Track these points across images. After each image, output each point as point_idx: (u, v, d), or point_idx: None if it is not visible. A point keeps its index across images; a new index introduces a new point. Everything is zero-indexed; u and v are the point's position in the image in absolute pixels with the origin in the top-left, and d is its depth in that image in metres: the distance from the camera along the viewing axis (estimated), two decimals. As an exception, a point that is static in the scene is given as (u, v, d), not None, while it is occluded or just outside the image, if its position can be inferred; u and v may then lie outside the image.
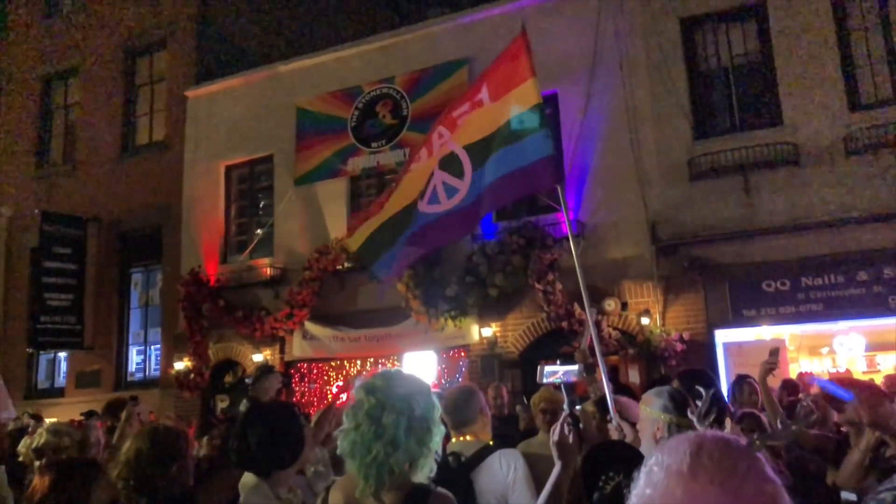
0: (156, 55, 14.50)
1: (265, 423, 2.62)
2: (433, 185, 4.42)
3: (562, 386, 2.54)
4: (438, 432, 2.20)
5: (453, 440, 3.27)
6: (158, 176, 13.67)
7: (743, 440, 1.14)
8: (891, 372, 7.72)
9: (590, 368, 8.62)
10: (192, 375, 12.20)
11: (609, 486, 2.02)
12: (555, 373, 2.53)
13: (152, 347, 13.70)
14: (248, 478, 2.58)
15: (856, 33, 9.37)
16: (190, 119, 13.50)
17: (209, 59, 13.81)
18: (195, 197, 13.18)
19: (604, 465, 2.09)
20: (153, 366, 13.61)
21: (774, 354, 4.44)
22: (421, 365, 9.99)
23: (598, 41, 10.32)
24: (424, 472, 2.17)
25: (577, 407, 2.49)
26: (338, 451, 2.20)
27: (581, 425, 2.38)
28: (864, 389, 2.73)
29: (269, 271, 12.03)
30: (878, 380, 8.31)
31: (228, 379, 12.57)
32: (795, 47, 9.37)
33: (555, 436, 2.35)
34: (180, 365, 12.32)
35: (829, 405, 4.18)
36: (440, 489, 2.15)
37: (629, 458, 2.11)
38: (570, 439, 2.33)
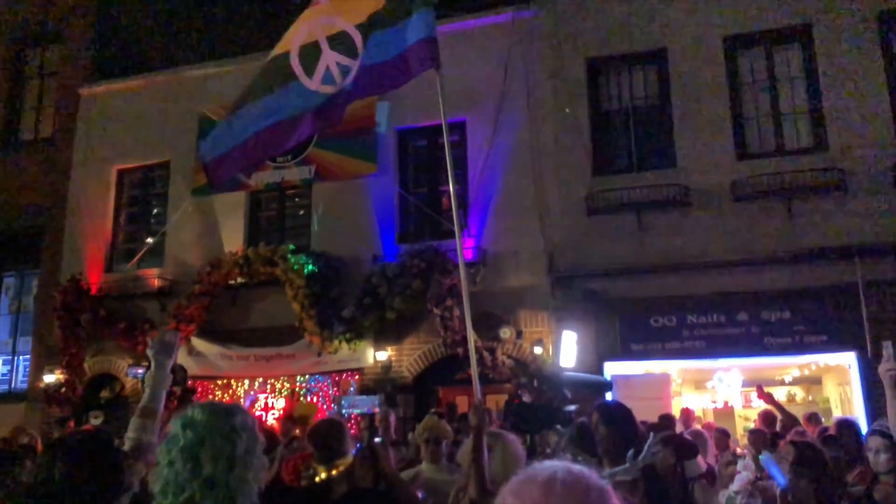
0: (49, 47, 13.67)
1: (76, 454, 2.25)
2: (325, 65, 4.26)
3: (363, 417, 2.46)
4: (261, 466, 2.07)
5: (322, 475, 3.15)
6: (42, 175, 12.80)
7: (594, 474, 1.16)
8: (766, 408, 8.07)
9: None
10: (63, 389, 11.36)
11: None
12: (353, 403, 2.45)
13: (21, 358, 12.69)
14: None
15: (746, 87, 9.97)
16: (82, 117, 12.77)
17: (107, 57, 13.14)
18: (82, 200, 12.42)
19: None
20: (20, 378, 12.59)
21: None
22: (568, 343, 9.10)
23: (507, 74, 10.50)
24: None
25: (376, 440, 2.41)
26: (151, 489, 2.00)
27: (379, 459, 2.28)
28: None
29: (157, 282, 11.44)
30: (754, 416, 8.74)
31: (105, 394, 11.80)
32: (691, 95, 9.86)
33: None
34: (51, 378, 11.45)
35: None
36: None
37: None
38: (365, 473, 2.24)
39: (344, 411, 8.36)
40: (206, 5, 14.85)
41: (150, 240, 11.97)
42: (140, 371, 10.29)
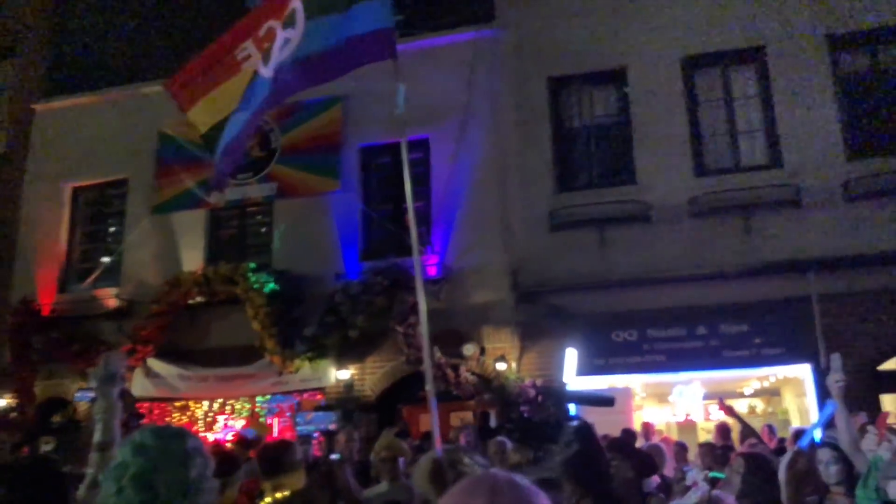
0: (2, 63, 13.35)
1: (20, 481, 2.19)
2: (277, 47, 4.24)
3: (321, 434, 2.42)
4: (212, 491, 2.01)
5: (268, 499, 3.07)
6: (-8, 193, 12.45)
7: (525, 479, 1.21)
8: (722, 420, 8.17)
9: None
10: (13, 414, 10.98)
11: None
12: (309, 420, 2.40)
13: (-31, 382, 12.22)
14: None
15: (703, 106, 10.18)
16: (36, 134, 12.48)
17: (62, 71, 12.90)
18: (35, 219, 12.09)
19: None
20: (-32, 403, 12.12)
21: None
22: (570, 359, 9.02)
23: (470, 92, 10.58)
24: None
25: (333, 456, 2.36)
26: None
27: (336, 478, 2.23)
28: None
29: (113, 302, 11.17)
30: (711, 427, 8.82)
31: (56, 419, 11.40)
32: (650, 113, 10.03)
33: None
34: (1, 402, 11.08)
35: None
36: None
37: None
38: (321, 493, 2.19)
39: (300, 428, 8.23)
40: (163, 21, 14.67)
41: (106, 259, 11.71)
42: (89, 394, 10.02)
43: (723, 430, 7.12)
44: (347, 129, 10.97)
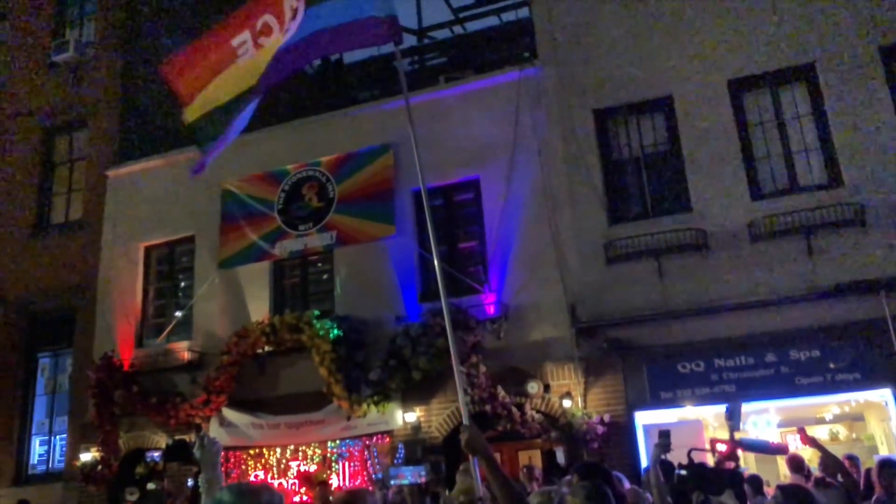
0: (76, 134, 14.24)
1: None
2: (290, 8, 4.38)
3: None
4: None
5: None
6: (73, 256, 13.20)
7: None
8: (793, 452, 7.91)
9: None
10: (99, 467, 11.49)
11: None
12: (399, 474, 2.49)
13: (57, 437, 12.87)
14: None
15: (754, 128, 10.04)
16: (109, 198, 13.21)
17: (131, 138, 13.67)
18: (112, 278, 12.75)
19: None
20: (58, 457, 12.75)
21: (665, 437, 4.53)
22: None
23: (517, 130, 10.73)
24: None
25: None
26: None
27: None
28: None
29: (186, 355, 11.63)
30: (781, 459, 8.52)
31: (140, 470, 11.85)
32: (701, 140, 9.95)
33: None
34: (87, 456, 11.60)
35: None
36: None
37: None
38: None
39: (392, 482, 8.30)
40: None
41: (178, 313, 12.22)
42: (157, 455, 10.47)
43: (794, 461, 6.84)
44: (399, 175, 11.23)
